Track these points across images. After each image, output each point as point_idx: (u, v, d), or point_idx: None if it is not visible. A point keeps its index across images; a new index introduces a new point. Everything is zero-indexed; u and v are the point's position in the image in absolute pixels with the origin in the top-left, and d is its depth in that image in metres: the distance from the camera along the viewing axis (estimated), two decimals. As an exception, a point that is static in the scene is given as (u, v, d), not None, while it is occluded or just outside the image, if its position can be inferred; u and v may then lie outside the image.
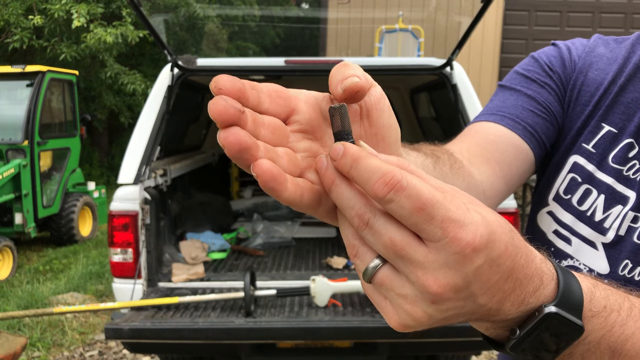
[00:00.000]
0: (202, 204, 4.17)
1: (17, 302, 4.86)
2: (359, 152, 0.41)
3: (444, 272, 0.39)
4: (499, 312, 0.43)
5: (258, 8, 12.44)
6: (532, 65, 0.89)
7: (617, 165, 0.77)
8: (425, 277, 0.39)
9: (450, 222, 0.38)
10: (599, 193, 0.78)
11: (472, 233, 0.38)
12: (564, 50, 0.88)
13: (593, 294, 0.48)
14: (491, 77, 9.79)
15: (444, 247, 0.39)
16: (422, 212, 0.38)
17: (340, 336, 2.61)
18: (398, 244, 0.40)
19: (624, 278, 0.73)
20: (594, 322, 0.47)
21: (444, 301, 0.40)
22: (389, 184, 0.39)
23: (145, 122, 3.06)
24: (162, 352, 3.06)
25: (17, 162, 6.08)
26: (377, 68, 3.35)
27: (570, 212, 0.81)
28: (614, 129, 0.79)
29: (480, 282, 0.40)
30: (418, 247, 0.40)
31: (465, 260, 0.39)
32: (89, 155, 12.15)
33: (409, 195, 0.38)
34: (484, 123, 0.87)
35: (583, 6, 9.76)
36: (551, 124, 0.85)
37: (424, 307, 0.41)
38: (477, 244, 0.39)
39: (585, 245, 0.78)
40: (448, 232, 0.38)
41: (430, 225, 0.39)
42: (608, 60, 0.85)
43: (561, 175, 0.83)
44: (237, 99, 0.40)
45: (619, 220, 0.75)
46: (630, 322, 0.49)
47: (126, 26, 8.66)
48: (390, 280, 0.41)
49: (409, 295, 0.41)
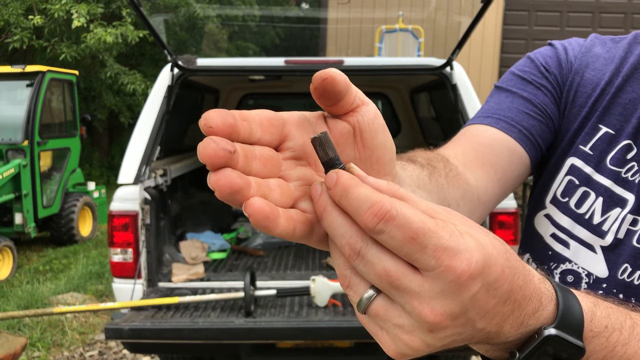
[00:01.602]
0: (202, 204, 4.17)
1: (17, 302, 4.86)
2: (349, 181, 0.40)
3: (440, 301, 0.39)
4: (499, 335, 0.43)
5: (258, 8, 12.44)
6: (528, 66, 0.88)
7: (615, 167, 0.76)
8: (422, 307, 0.39)
9: (443, 250, 0.38)
10: (597, 196, 0.77)
11: (467, 260, 0.38)
12: (560, 50, 0.87)
13: (594, 313, 0.47)
14: (491, 77, 9.79)
15: (438, 276, 0.38)
16: (414, 242, 0.38)
17: (340, 336, 2.61)
18: (392, 275, 0.39)
19: (623, 282, 0.72)
20: (595, 342, 0.46)
21: (441, 329, 0.39)
22: (378, 214, 0.38)
23: (145, 122, 3.06)
24: (162, 352, 3.06)
25: (17, 162, 6.08)
26: (377, 68, 3.35)
27: (568, 215, 0.80)
28: (611, 130, 0.78)
29: (478, 308, 0.40)
30: (413, 276, 0.39)
31: (461, 289, 0.38)
32: (89, 155, 12.15)
33: (399, 226, 0.38)
34: (479, 126, 0.85)
35: (583, 6, 9.76)
36: (547, 126, 0.85)
37: (422, 337, 0.40)
38: (472, 271, 0.38)
39: (583, 249, 0.77)
40: (442, 261, 0.38)
41: (423, 254, 0.38)
42: (605, 60, 0.84)
43: (558, 177, 0.82)
44: (228, 136, 0.40)
45: (618, 223, 0.74)
46: (633, 341, 0.48)
47: (126, 26, 8.65)
48: (385, 311, 0.41)
49: (405, 325, 0.40)
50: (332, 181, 0.41)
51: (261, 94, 5.34)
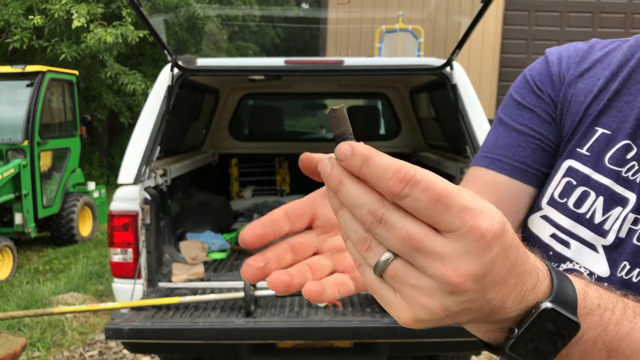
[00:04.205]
0: (202, 204, 4.17)
1: (17, 302, 4.86)
2: (368, 150, 0.41)
3: (464, 261, 0.39)
4: (501, 310, 0.43)
5: (258, 8, 12.44)
6: (524, 87, 0.90)
7: (614, 167, 0.76)
8: (446, 268, 0.39)
9: (467, 210, 0.39)
10: (597, 195, 0.77)
11: (490, 220, 0.39)
12: (553, 63, 0.88)
13: (586, 292, 0.48)
14: (491, 77, 9.79)
15: (463, 235, 0.39)
16: (439, 203, 0.39)
17: (340, 336, 2.61)
18: (415, 237, 0.39)
19: (621, 280, 0.72)
20: (589, 319, 0.47)
21: (461, 292, 0.40)
22: (404, 179, 0.39)
23: (145, 122, 3.06)
24: (162, 352, 3.06)
25: (17, 162, 6.08)
26: (377, 68, 3.35)
27: (567, 215, 0.80)
28: (608, 131, 0.78)
29: (494, 273, 0.40)
30: (436, 237, 0.39)
31: (484, 248, 0.39)
32: (89, 155, 12.14)
33: (425, 188, 0.39)
34: (479, 170, 0.90)
35: (583, 6, 9.76)
36: (543, 150, 0.86)
37: (441, 299, 0.40)
38: (495, 231, 0.39)
39: (585, 248, 0.78)
40: (467, 220, 0.38)
41: (448, 215, 0.39)
42: (602, 65, 0.84)
43: (555, 180, 0.83)
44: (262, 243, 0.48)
45: (619, 222, 0.74)
46: (625, 321, 0.49)
47: (126, 26, 8.65)
48: (403, 272, 0.41)
49: (424, 286, 0.40)
50: (345, 153, 0.41)
51: (261, 94, 5.34)
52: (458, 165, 3.31)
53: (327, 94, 5.84)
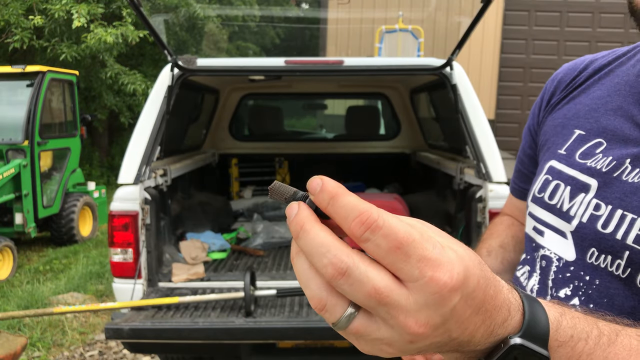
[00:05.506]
0: (202, 204, 4.17)
1: (17, 302, 4.86)
2: (336, 188, 0.40)
3: (424, 313, 0.39)
4: (469, 344, 0.44)
5: (258, 8, 12.44)
6: (533, 109, 1.00)
7: (582, 160, 0.80)
8: (407, 320, 0.39)
9: (426, 261, 0.39)
10: (565, 185, 0.81)
11: (449, 272, 0.39)
12: (547, 86, 0.97)
13: (560, 323, 0.48)
14: (491, 77, 9.79)
15: (422, 287, 0.39)
16: (399, 251, 0.39)
17: (340, 336, 2.59)
18: (383, 292, 0.39)
19: (591, 265, 0.74)
20: (560, 351, 0.47)
21: (421, 340, 0.41)
22: (366, 223, 0.39)
23: (145, 122, 3.07)
24: (162, 352, 3.06)
25: (17, 162, 6.08)
26: (377, 68, 3.35)
27: (544, 207, 0.84)
28: (582, 131, 0.83)
29: (456, 318, 0.41)
30: (400, 290, 0.39)
31: (444, 299, 0.39)
32: (89, 155, 12.14)
33: (386, 235, 0.39)
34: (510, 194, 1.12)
35: (583, 6, 9.76)
36: (536, 167, 0.96)
37: (401, 347, 0.41)
38: (454, 284, 0.39)
39: (556, 236, 0.81)
40: (425, 272, 0.39)
41: (407, 264, 0.39)
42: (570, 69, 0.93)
43: (539, 179, 0.88)
44: None
45: (583, 208, 0.77)
46: (598, 351, 0.48)
47: (126, 26, 8.65)
48: (365, 328, 0.41)
49: (385, 337, 0.41)
50: (316, 186, 0.41)
51: (261, 94, 5.34)
52: (458, 165, 3.31)
53: (327, 94, 5.85)
